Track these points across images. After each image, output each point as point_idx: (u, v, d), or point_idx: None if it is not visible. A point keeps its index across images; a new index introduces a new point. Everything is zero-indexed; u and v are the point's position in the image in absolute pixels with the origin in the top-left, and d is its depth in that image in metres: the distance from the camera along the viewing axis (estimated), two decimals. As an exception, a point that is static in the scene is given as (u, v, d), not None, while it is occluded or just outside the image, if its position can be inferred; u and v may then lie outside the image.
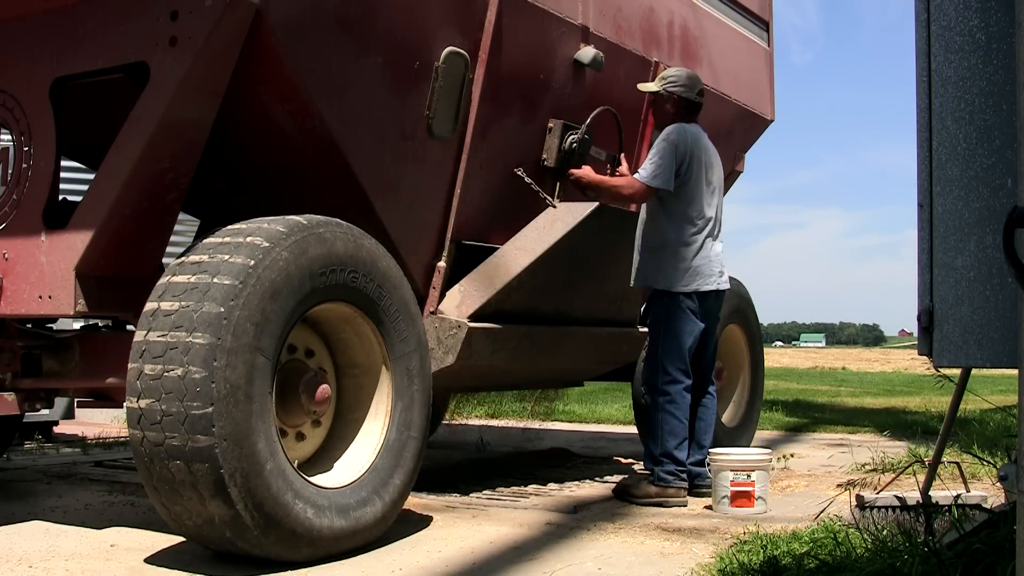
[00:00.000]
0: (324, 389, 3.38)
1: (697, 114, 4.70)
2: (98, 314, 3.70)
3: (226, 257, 3.06)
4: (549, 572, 3.09)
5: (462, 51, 4.08)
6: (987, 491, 3.71)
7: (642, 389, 4.66)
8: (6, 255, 3.58)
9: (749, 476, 4.18)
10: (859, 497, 3.44)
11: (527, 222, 4.47)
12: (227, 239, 3.16)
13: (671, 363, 4.48)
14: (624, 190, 4.58)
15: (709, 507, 4.31)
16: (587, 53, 4.66)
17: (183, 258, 3.17)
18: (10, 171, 3.71)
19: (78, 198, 3.56)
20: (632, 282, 4.77)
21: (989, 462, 4.09)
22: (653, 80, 4.93)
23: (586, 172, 4.62)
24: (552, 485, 4.86)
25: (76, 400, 4.75)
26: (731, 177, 6.46)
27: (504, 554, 3.34)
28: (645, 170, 4.51)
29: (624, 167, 4.89)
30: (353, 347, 3.57)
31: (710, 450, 4.48)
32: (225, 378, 2.89)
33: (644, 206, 4.70)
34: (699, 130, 4.67)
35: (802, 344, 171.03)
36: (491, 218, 4.53)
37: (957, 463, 3.71)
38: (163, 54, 3.31)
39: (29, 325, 3.91)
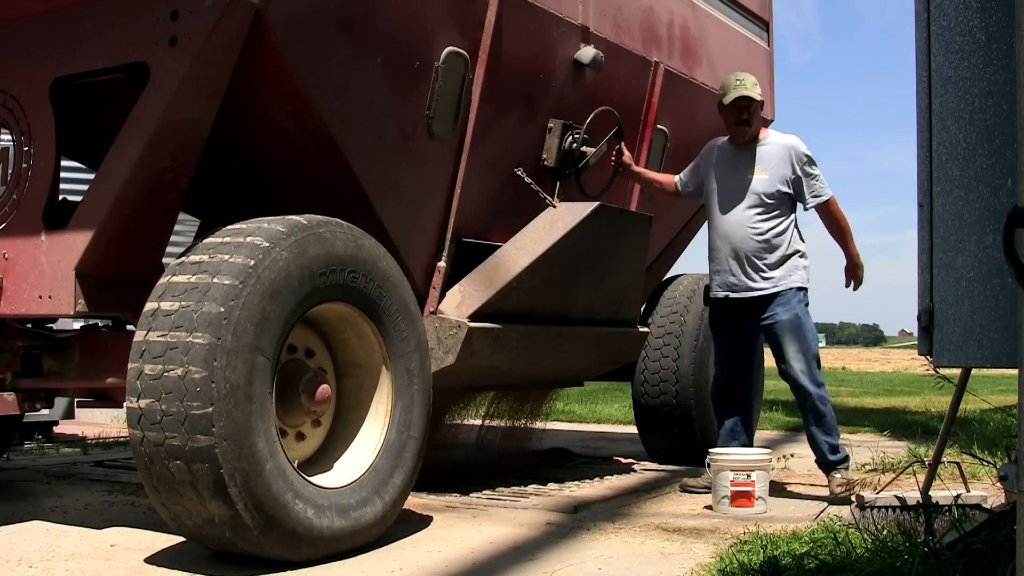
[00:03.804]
0: (324, 389, 3.38)
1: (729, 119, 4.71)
2: (98, 314, 3.71)
3: (226, 257, 3.06)
4: (549, 572, 3.09)
5: (462, 51, 4.08)
6: (987, 491, 3.70)
7: (803, 384, 4.53)
8: (6, 255, 3.58)
9: (749, 476, 4.18)
10: (859, 497, 3.44)
11: (527, 222, 4.47)
12: (227, 239, 3.16)
13: (816, 359, 4.61)
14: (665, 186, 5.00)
15: (709, 507, 4.31)
16: (587, 53, 4.66)
17: (183, 258, 3.17)
18: (10, 171, 3.71)
19: (78, 198, 3.56)
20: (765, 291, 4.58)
21: (989, 462, 4.09)
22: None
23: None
24: (552, 485, 4.85)
25: (76, 400, 4.75)
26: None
27: (504, 554, 3.34)
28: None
29: (627, 155, 4.92)
30: (353, 347, 3.57)
31: (710, 450, 4.48)
32: (225, 378, 2.89)
33: (767, 213, 4.59)
34: (722, 142, 4.80)
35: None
36: (491, 218, 4.52)
37: (957, 463, 3.71)
38: (163, 54, 3.31)
39: (29, 325, 3.91)
